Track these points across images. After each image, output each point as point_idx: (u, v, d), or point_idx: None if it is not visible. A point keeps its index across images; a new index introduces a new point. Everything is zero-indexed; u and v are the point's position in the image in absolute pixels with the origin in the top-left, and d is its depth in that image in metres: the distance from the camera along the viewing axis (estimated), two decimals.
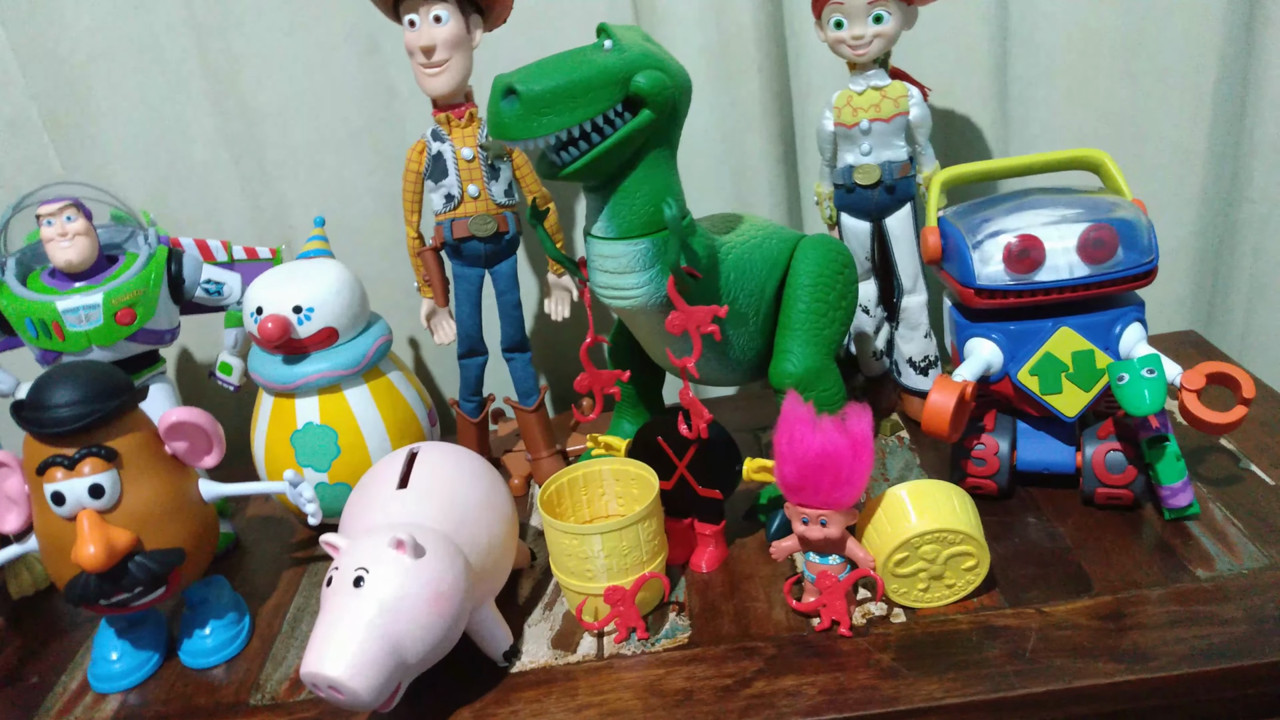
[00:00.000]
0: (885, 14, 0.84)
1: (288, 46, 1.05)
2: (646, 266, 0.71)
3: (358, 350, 0.88)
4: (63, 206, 0.85)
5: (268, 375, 0.87)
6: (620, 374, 0.80)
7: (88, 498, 0.71)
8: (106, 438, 0.72)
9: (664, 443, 0.79)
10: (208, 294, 0.93)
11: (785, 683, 0.67)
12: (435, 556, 0.65)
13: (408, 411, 0.92)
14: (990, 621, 0.70)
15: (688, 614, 0.76)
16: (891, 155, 0.88)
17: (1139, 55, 1.06)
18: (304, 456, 0.87)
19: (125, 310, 0.86)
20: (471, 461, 0.77)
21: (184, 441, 0.76)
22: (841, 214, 0.93)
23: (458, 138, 0.87)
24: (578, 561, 0.74)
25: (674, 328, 0.72)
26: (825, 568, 0.71)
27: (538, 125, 0.65)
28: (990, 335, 0.80)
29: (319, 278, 0.87)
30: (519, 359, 0.95)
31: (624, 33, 0.68)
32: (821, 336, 0.80)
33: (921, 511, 0.71)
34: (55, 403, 0.71)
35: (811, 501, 0.69)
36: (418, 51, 0.85)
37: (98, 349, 0.87)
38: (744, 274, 0.78)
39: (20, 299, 0.85)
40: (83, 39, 1.05)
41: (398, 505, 0.71)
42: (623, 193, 0.70)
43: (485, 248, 0.90)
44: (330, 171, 1.10)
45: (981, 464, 0.81)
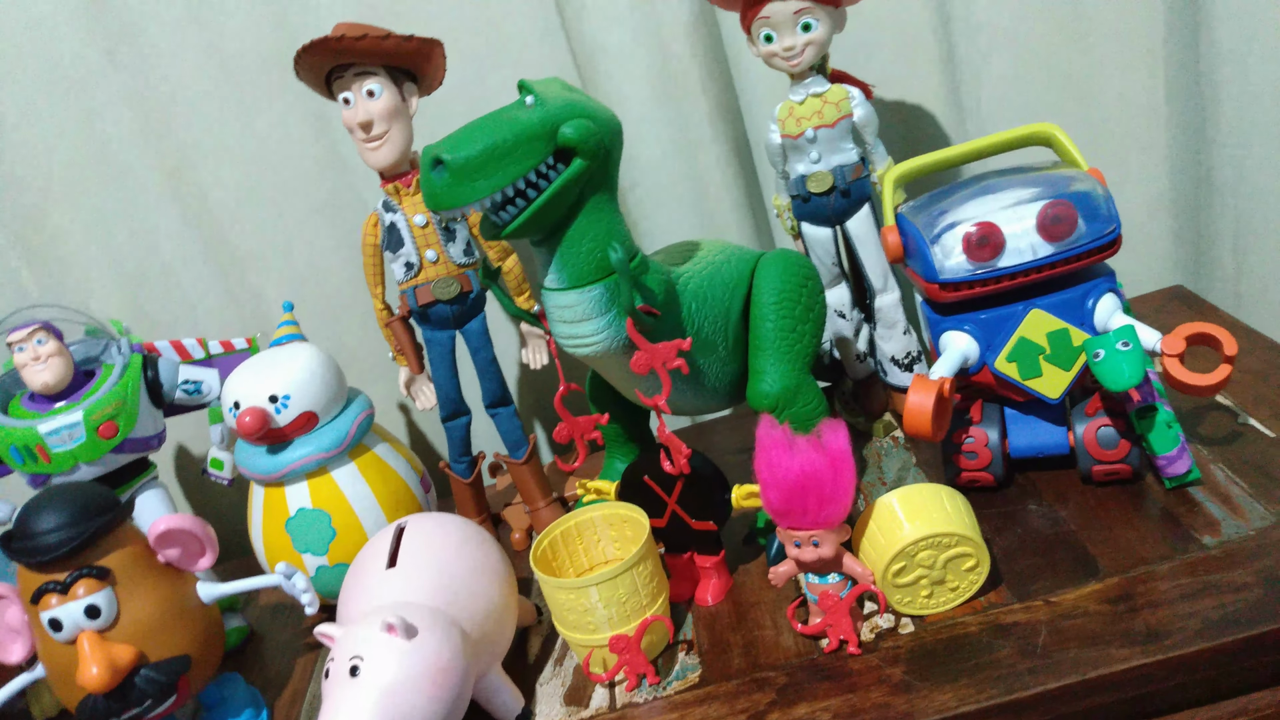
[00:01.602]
0: (813, 21, 0.84)
1: (237, 135, 1.07)
2: (602, 312, 0.71)
3: (339, 430, 0.88)
4: (32, 331, 0.86)
5: (254, 467, 0.87)
6: (599, 418, 0.80)
7: (85, 619, 0.71)
8: (97, 556, 0.72)
9: (651, 481, 0.78)
10: (187, 394, 0.94)
11: (799, 711, 0.66)
12: (429, 634, 0.65)
13: (399, 482, 0.92)
14: (999, 620, 0.69)
15: (696, 651, 0.75)
16: (841, 159, 0.88)
17: (1081, 19, 1.04)
18: (301, 543, 0.87)
19: (107, 424, 0.87)
20: (460, 529, 0.76)
21: (176, 548, 0.77)
22: (802, 223, 0.92)
23: (408, 206, 0.88)
24: (578, 615, 0.73)
25: (640, 367, 0.71)
26: (825, 588, 0.70)
27: (469, 191, 0.65)
28: (962, 327, 0.78)
29: (291, 364, 0.87)
30: (503, 413, 0.95)
31: (544, 86, 0.68)
32: (794, 352, 0.79)
33: (913, 518, 0.69)
34: (41, 530, 0.71)
35: (800, 524, 0.68)
36: (356, 128, 0.85)
37: (85, 466, 0.87)
38: (705, 302, 0.77)
39: (2, 428, 0.86)
40: (38, 159, 1.06)
41: (388, 586, 0.71)
42: (568, 242, 0.69)
43: (452, 309, 0.90)
44: (297, 252, 1.11)
45: (973, 457, 0.80)
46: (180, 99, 1.06)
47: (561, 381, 0.78)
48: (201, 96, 1.06)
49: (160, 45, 1.04)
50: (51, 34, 1.03)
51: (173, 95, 1.06)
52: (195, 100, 1.06)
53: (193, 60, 1.05)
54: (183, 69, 1.05)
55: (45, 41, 1.03)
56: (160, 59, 1.04)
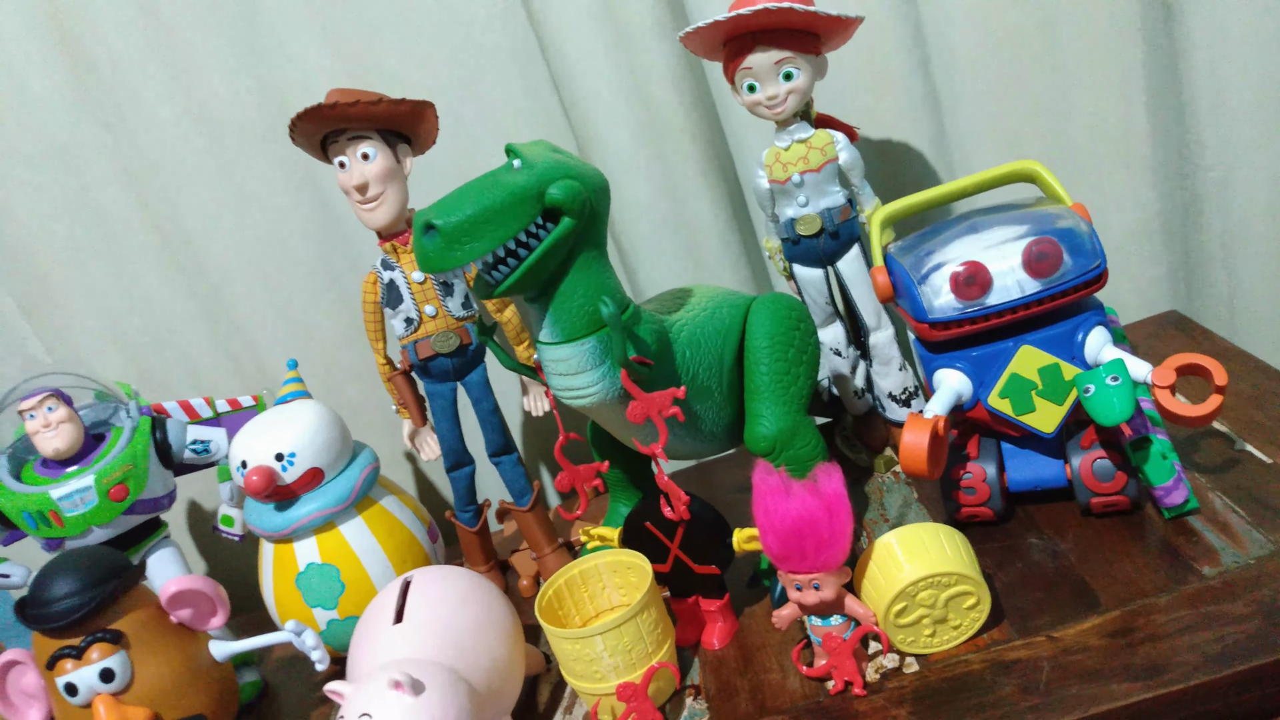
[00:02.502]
0: (794, 70, 0.86)
1: (228, 200, 1.09)
2: (596, 364, 0.72)
3: (345, 485, 0.89)
4: (42, 398, 0.88)
5: (262, 524, 0.89)
6: (600, 466, 0.81)
7: (100, 683, 0.72)
8: (110, 620, 0.74)
9: (653, 527, 0.79)
10: (195, 454, 0.95)
11: None
12: (435, 690, 0.66)
13: (406, 534, 0.93)
14: (1001, 657, 0.69)
15: (704, 696, 0.76)
16: (829, 202, 0.89)
17: (1059, 48, 1.06)
18: (311, 597, 0.88)
19: (118, 487, 0.89)
20: (465, 582, 0.77)
21: (188, 609, 0.78)
22: (794, 265, 0.93)
23: (406, 263, 0.89)
24: (585, 664, 0.74)
25: (635, 417, 0.73)
26: (829, 630, 0.71)
27: (461, 254, 0.66)
28: (955, 364, 0.79)
29: (296, 421, 0.89)
30: (506, 461, 0.96)
31: (530, 149, 0.70)
32: (789, 394, 0.80)
33: (912, 558, 0.70)
34: (54, 596, 0.73)
35: (800, 568, 0.69)
36: (352, 190, 0.87)
37: (97, 529, 0.89)
38: (699, 348, 0.79)
39: (15, 494, 0.88)
40: (40, 231, 1.09)
41: (394, 642, 0.71)
42: (560, 298, 0.71)
43: (452, 362, 0.91)
44: (295, 311, 1.13)
45: (972, 492, 0.81)
46: (171, 168, 1.08)
47: (561, 431, 0.79)
48: (191, 164, 1.08)
49: (149, 116, 1.07)
50: (46, 111, 1.06)
51: (164, 165, 1.08)
52: (186, 168, 1.08)
53: (181, 129, 1.07)
54: (172, 138, 1.08)
55: (40, 118, 1.06)
56: (150, 130, 1.07)
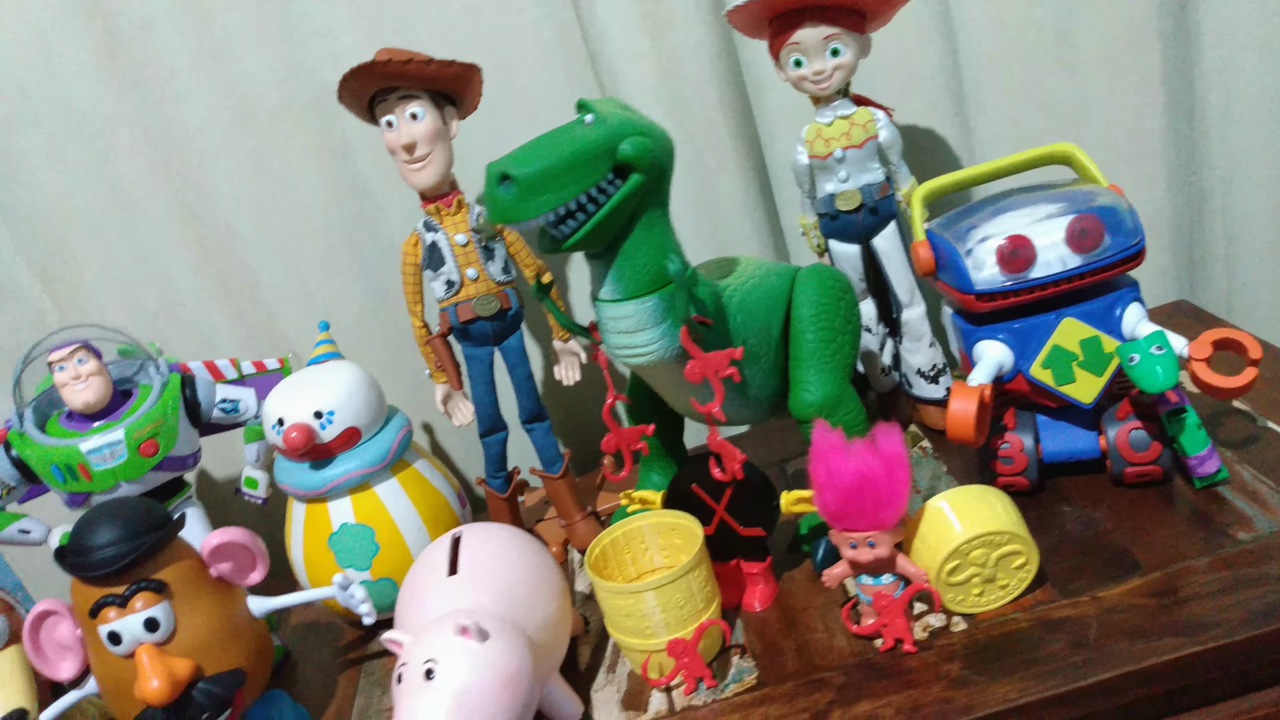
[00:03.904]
0: (841, 46, 0.87)
1: (255, 172, 1.08)
2: (658, 322, 0.73)
3: (382, 445, 0.89)
4: (72, 350, 0.86)
5: (297, 483, 0.88)
6: (645, 429, 0.81)
7: (144, 632, 0.71)
8: (153, 571, 0.72)
9: (699, 489, 0.80)
10: (224, 413, 0.94)
11: (861, 708, 0.68)
12: (500, 639, 0.66)
13: (438, 497, 0.92)
14: (1048, 615, 0.71)
15: (750, 655, 0.76)
16: (869, 178, 0.91)
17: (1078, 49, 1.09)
18: (344, 558, 0.88)
19: (148, 442, 0.87)
20: (516, 538, 0.77)
21: (228, 562, 0.77)
22: (830, 240, 0.95)
23: (449, 225, 0.89)
24: (635, 620, 0.74)
25: (693, 375, 0.73)
26: (879, 588, 0.72)
27: (535, 205, 0.66)
28: (996, 336, 0.81)
29: (335, 380, 0.88)
30: (539, 429, 0.97)
31: (602, 105, 0.71)
32: (834, 363, 0.82)
33: (965, 518, 0.72)
34: (98, 544, 0.71)
35: (856, 525, 0.70)
36: (399, 150, 0.87)
37: (125, 484, 0.87)
38: (749, 314, 0.80)
39: (42, 446, 0.86)
40: (58, 199, 1.07)
41: (451, 592, 0.71)
42: (624, 255, 0.72)
43: (492, 326, 0.91)
44: (317, 284, 1.12)
45: (1009, 462, 0.83)
46: (197, 139, 1.07)
47: (611, 392, 0.80)
48: (218, 137, 1.07)
49: (176, 87, 1.05)
50: (72, 78, 1.03)
51: (189, 135, 1.07)
52: (212, 140, 1.07)
53: (209, 102, 1.06)
54: (199, 109, 1.06)
55: (67, 85, 1.04)
56: (177, 100, 1.05)
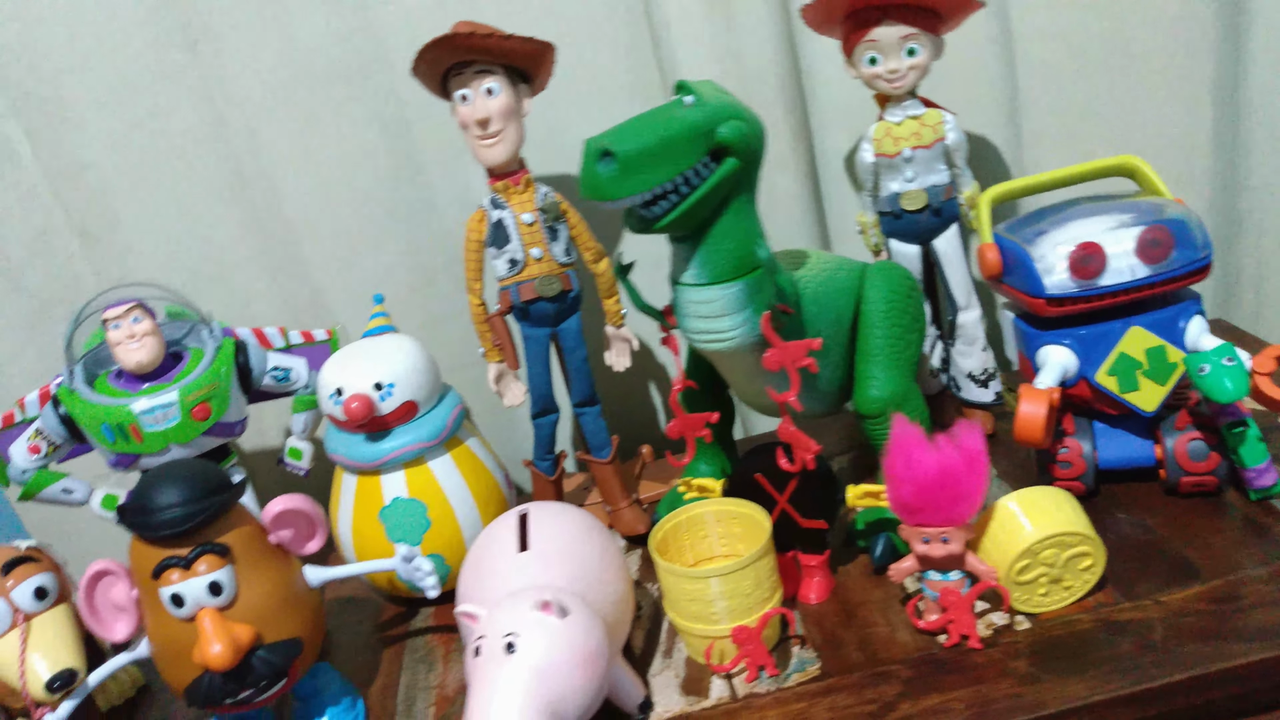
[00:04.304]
0: (917, 47, 0.88)
1: (307, 138, 1.06)
2: (740, 308, 0.73)
3: (438, 421, 0.88)
4: (128, 308, 0.85)
5: (351, 455, 0.87)
6: (710, 416, 0.81)
7: (207, 596, 0.70)
8: (216, 534, 0.71)
9: (763, 479, 0.80)
10: (275, 381, 0.93)
11: (929, 702, 0.68)
12: (578, 616, 0.65)
13: (489, 477, 0.92)
14: (1112, 617, 0.72)
15: (811, 646, 0.77)
16: (935, 180, 0.92)
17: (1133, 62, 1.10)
18: (394, 532, 0.87)
19: (201, 406, 0.86)
20: (583, 517, 0.77)
21: (289, 529, 0.76)
22: (890, 240, 0.96)
23: (516, 203, 0.89)
24: (700, 605, 0.74)
25: (771, 364, 0.74)
26: (947, 584, 0.73)
27: (633, 184, 0.66)
28: (1062, 341, 0.82)
29: (395, 353, 0.87)
30: (590, 413, 0.96)
31: (702, 87, 0.71)
32: (902, 359, 0.82)
33: (1036, 518, 0.72)
34: (164, 504, 0.70)
35: (932, 521, 0.70)
36: (473, 125, 0.86)
37: (176, 447, 0.86)
38: (823, 306, 0.80)
39: (94, 405, 0.84)
40: (106, 149, 1.05)
41: (523, 568, 0.71)
42: (712, 239, 0.72)
43: (552, 307, 0.91)
44: (365, 257, 1.10)
45: (1068, 466, 0.83)
46: (251, 98, 1.05)
47: (681, 378, 0.80)
48: (274, 97, 1.05)
49: (236, 45, 1.04)
50: (129, 27, 1.02)
51: (244, 94, 1.05)
52: (266, 101, 1.05)
53: (267, 62, 1.04)
54: (257, 70, 1.04)
55: (122, 34, 1.02)
56: (235, 58, 1.04)
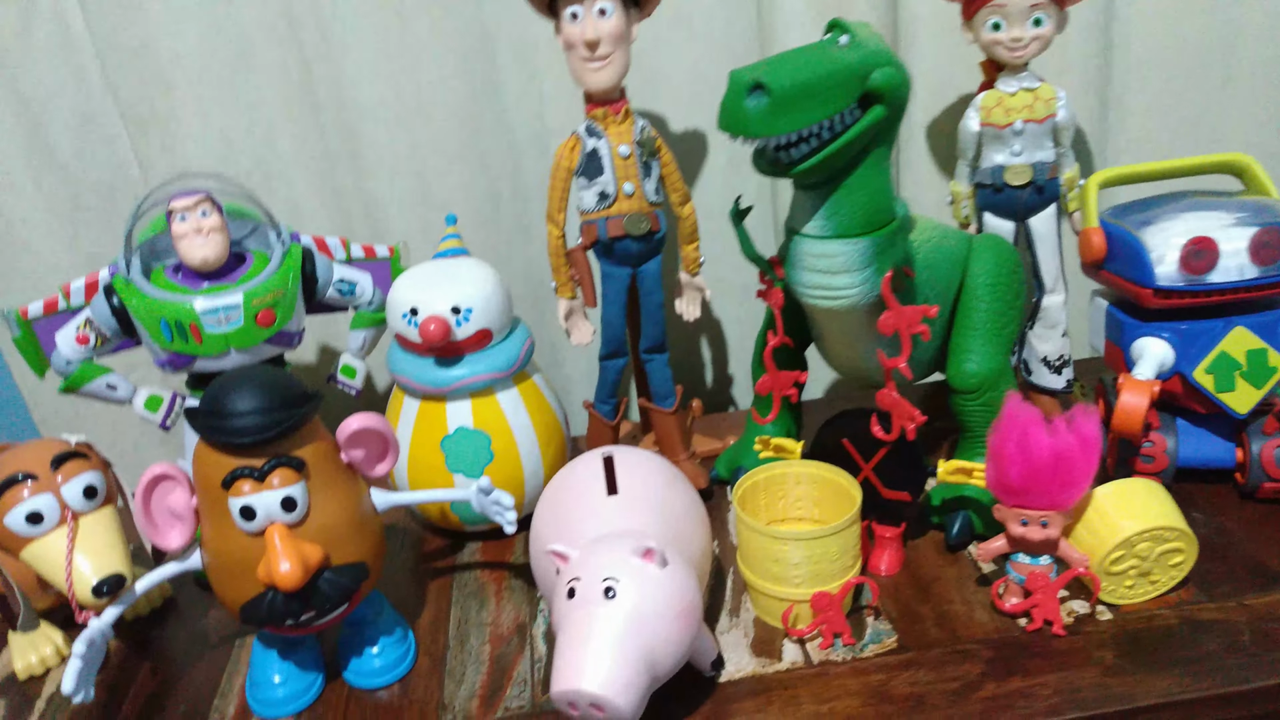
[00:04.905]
0: (1044, 17, 0.85)
1: (390, 42, 1.00)
2: (863, 266, 0.70)
3: (511, 351, 0.85)
4: (197, 200, 0.80)
5: (419, 378, 0.83)
6: (799, 375, 0.79)
7: (280, 511, 0.66)
8: (292, 448, 0.67)
9: (850, 444, 0.78)
10: (339, 294, 0.88)
11: (1014, 684, 0.67)
12: (677, 567, 0.63)
13: (552, 416, 0.89)
14: (1195, 616, 0.71)
15: (886, 618, 0.75)
16: (1042, 156, 0.89)
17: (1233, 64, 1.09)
18: (455, 462, 0.84)
19: (266, 311, 0.81)
20: (666, 466, 0.74)
21: (361, 449, 0.72)
22: (985, 214, 0.93)
23: (613, 134, 0.85)
24: (781, 567, 0.72)
25: (886, 328, 0.71)
26: (1036, 568, 0.71)
27: (783, 122, 0.63)
28: (1161, 334, 0.81)
29: (473, 278, 0.83)
30: (658, 360, 0.93)
31: (858, 29, 0.67)
32: (1001, 336, 0.80)
33: (1134, 510, 0.71)
34: (242, 410, 0.66)
35: (1036, 504, 0.69)
36: (580, 45, 0.82)
37: (235, 352, 0.81)
38: (933, 272, 0.78)
39: (154, 300, 0.80)
40: (168, 33, 0.98)
41: (613, 514, 0.68)
42: (845, 190, 0.68)
43: (637, 247, 0.87)
44: (430, 174, 1.05)
45: (1150, 461, 0.82)
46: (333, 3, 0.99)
47: (779, 332, 0.77)
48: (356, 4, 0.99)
49: None
50: None
51: None
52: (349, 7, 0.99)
53: None
54: None
55: None
56: None
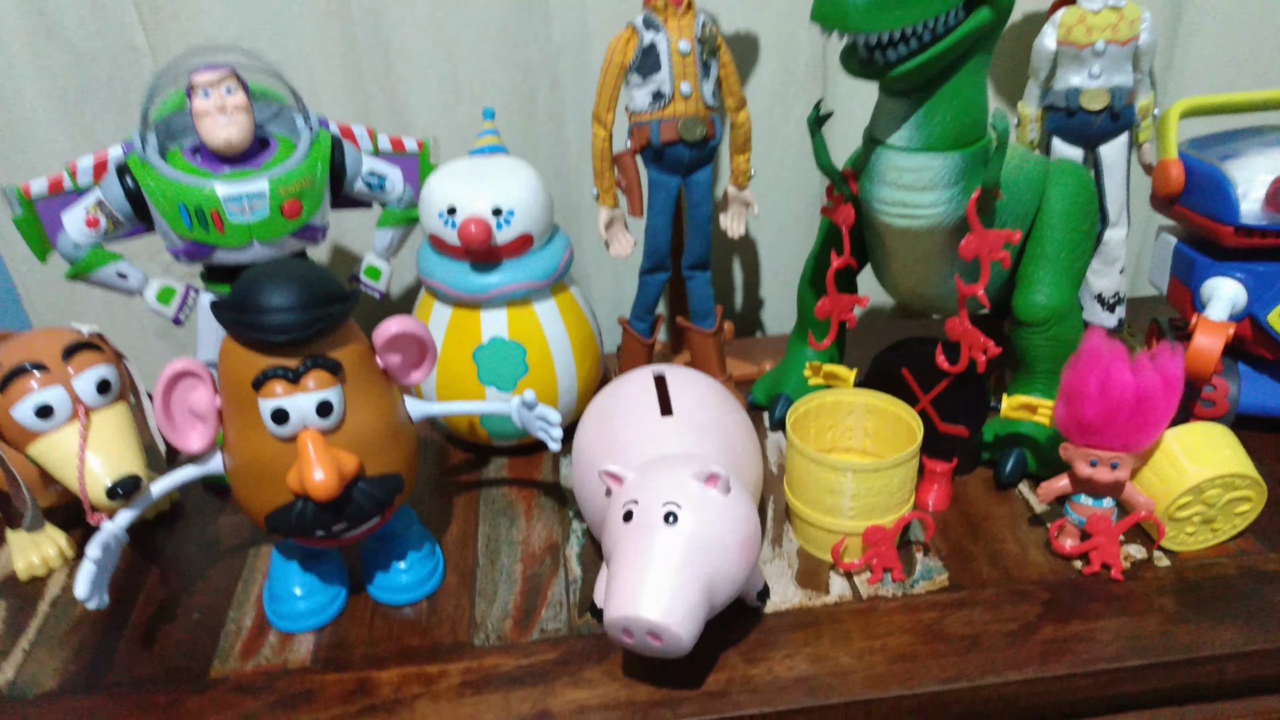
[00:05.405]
0: None
1: None
2: (951, 183, 0.65)
3: (551, 260, 0.80)
4: (222, 76, 0.73)
5: (454, 283, 0.78)
6: (859, 299, 0.75)
7: (314, 416, 0.61)
8: (328, 349, 0.63)
9: (909, 374, 0.75)
10: (368, 188, 0.82)
11: (1073, 627, 0.65)
12: (740, 494, 0.60)
13: (588, 330, 0.84)
14: (1256, 566, 0.69)
15: (936, 555, 0.73)
16: (1121, 80, 0.84)
17: None
18: (487, 374, 0.79)
19: (292, 202, 0.75)
20: (720, 388, 0.71)
21: (398, 355, 0.68)
22: (1054, 138, 0.88)
23: (673, 28, 0.78)
24: (833, 498, 0.69)
25: (967, 252, 0.67)
26: (1098, 511, 0.69)
27: (886, 18, 0.57)
28: (1234, 275, 0.77)
29: (515, 178, 0.78)
30: (700, 277, 0.88)
31: None
32: (1073, 269, 0.76)
33: (1204, 456, 0.69)
34: (278, 305, 0.60)
35: (1110, 444, 0.66)
36: None
37: (259, 244, 0.76)
38: (1012, 196, 0.73)
39: (172, 182, 0.73)
40: None
41: (669, 435, 0.64)
42: (939, 100, 0.63)
43: (689, 154, 0.81)
44: (463, 68, 0.97)
45: (1210, 405, 0.80)
46: None
47: (845, 253, 0.73)
48: None
49: None
50: None
51: None
52: None
53: None
54: None
55: None
56: None
